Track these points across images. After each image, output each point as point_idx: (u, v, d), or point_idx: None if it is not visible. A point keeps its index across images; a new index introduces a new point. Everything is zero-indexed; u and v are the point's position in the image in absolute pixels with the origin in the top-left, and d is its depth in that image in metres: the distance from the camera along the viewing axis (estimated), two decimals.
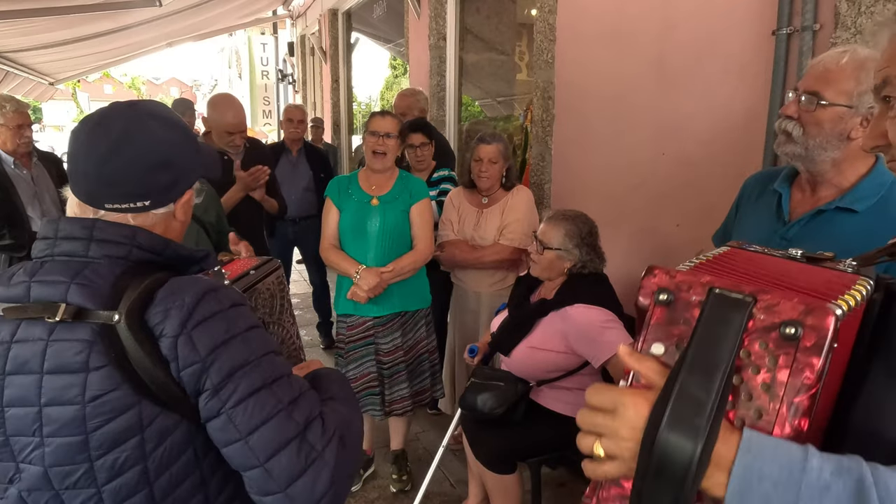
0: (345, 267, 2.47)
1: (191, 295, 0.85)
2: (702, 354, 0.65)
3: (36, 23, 4.50)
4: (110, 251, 0.87)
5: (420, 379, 2.66)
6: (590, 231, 2.09)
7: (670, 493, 0.62)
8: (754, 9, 1.98)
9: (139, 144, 0.91)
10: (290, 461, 0.84)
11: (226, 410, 0.84)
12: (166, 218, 0.97)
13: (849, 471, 0.58)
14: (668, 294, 0.73)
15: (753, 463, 0.61)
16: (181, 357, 0.82)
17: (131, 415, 0.82)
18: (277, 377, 0.89)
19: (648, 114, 2.47)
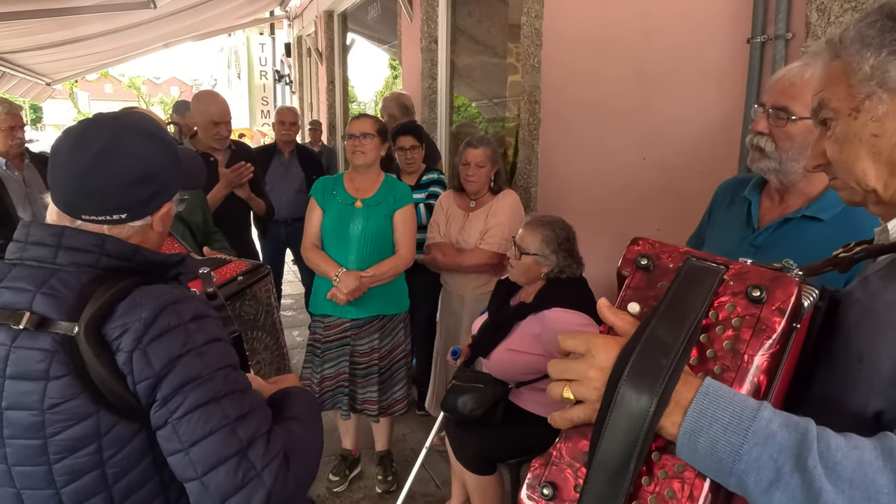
0: (325, 268, 2.49)
1: (149, 310, 0.86)
2: (673, 306, 0.71)
3: (32, 24, 4.53)
4: (78, 259, 0.89)
5: (396, 389, 2.68)
6: (567, 237, 2.11)
7: (630, 429, 0.66)
8: (730, 17, 2.01)
9: (120, 160, 0.93)
10: (226, 477, 0.85)
11: (172, 421, 0.85)
12: (143, 230, 0.99)
13: (797, 425, 0.62)
14: (649, 260, 0.79)
15: (708, 407, 0.65)
16: (136, 371, 0.84)
17: (89, 423, 0.84)
18: (229, 392, 0.89)
19: (630, 119, 2.50)
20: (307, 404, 1.08)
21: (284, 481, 0.89)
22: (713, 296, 0.73)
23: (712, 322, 0.73)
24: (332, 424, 3.26)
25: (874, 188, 0.81)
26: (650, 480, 0.71)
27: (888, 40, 0.75)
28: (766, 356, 0.70)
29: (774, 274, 0.72)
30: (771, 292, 0.70)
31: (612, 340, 0.73)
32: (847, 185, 0.85)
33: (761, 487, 0.61)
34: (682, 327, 0.70)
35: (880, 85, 0.76)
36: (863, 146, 0.79)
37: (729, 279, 0.73)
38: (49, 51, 5.88)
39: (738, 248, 1.60)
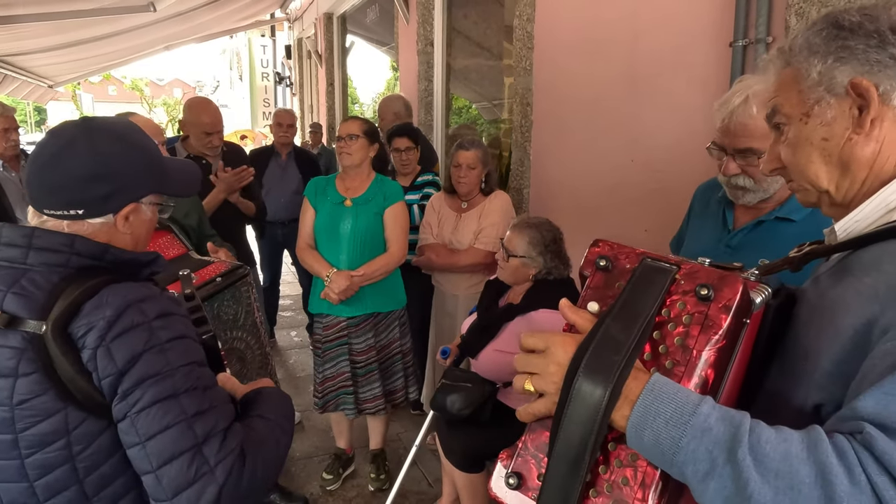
0: (317, 269, 2.53)
1: (113, 308, 0.89)
2: (627, 306, 0.75)
3: (34, 27, 4.58)
4: (48, 259, 0.93)
5: (393, 379, 2.71)
6: (553, 238, 2.14)
7: (585, 421, 0.71)
8: (713, 21, 2.03)
9: (77, 156, 0.96)
10: (179, 471, 0.87)
11: (130, 414, 0.88)
12: (107, 229, 1.01)
13: (732, 419, 0.66)
14: (607, 261, 0.83)
15: (653, 402, 0.69)
16: (100, 368, 0.87)
17: (57, 419, 0.87)
18: (189, 388, 0.91)
19: (619, 121, 2.53)
20: (278, 404, 1.09)
21: (239, 478, 0.91)
22: (665, 294, 0.77)
23: (665, 319, 0.77)
24: (326, 423, 3.30)
25: (827, 189, 0.84)
26: (606, 469, 0.75)
27: (833, 48, 0.78)
28: (713, 351, 0.74)
29: (722, 273, 0.76)
30: (718, 290, 0.74)
31: (570, 338, 0.77)
32: (802, 186, 0.88)
33: (698, 477, 0.65)
34: (633, 326, 0.74)
35: (828, 90, 0.79)
36: (814, 149, 0.82)
37: (680, 279, 0.77)
38: (51, 53, 5.93)
39: (715, 249, 1.63)
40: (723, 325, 0.73)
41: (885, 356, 0.65)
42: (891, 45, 0.75)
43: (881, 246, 0.76)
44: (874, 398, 0.63)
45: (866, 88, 0.75)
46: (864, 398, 0.64)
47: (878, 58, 0.76)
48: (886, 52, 0.75)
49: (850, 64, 0.77)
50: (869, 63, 0.76)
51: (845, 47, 0.77)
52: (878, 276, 0.72)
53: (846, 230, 0.83)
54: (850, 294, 0.75)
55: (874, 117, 0.76)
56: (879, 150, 0.78)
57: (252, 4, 7.58)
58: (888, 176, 0.78)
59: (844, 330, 0.72)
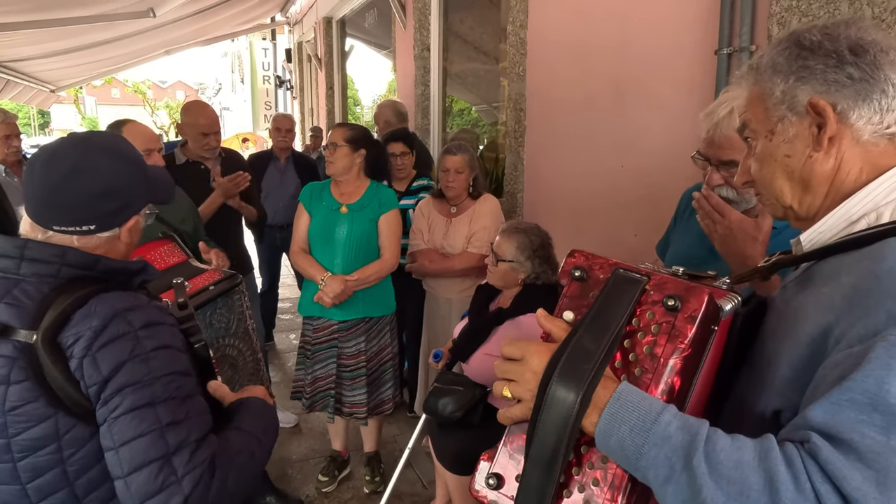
0: (311, 272, 2.56)
1: (100, 318, 0.93)
2: (598, 317, 0.79)
3: (35, 33, 4.63)
4: (40, 269, 0.96)
5: (384, 388, 2.74)
6: (542, 243, 2.16)
7: (558, 426, 0.75)
8: (699, 28, 2.06)
9: (87, 176, 1.01)
10: (146, 480, 0.89)
11: (108, 420, 0.91)
12: (111, 240, 1.06)
13: (690, 428, 0.70)
14: (582, 271, 0.87)
15: (619, 410, 0.73)
16: (86, 376, 0.91)
17: (48, 425, 0.90)
18: (167, 398, 0.94)
19: (609, 127, 2.55)
20: (259, 417, 1.12)
21: (206, 490, 0.93)
22: (636, 304, 0.80)
23: (635, 328, 0.80)
24: (323, 426, 3.33)
25: (790, 205, 0.86)
26: (579, 471, 0.80)
27: (795, 67, 0.81)
28: (679, 359, 0.77)
29: (690, 285, 0.79)
30: (685, 301, 0.77)
31: (545, 347, 0.81)
32: (769, 201, 0.91)
33: (658, 482, 0.69)
34: (604, 336, 0.77)
35: (790, 109, 0.81)
36: (778, 166, 0.85)
37: (650, 289, 0.80)
38: (52, 59, 5.98)
39: (699, 254, 1.66)
40: (688, 334, 0.76)
41: (835, 367, 0.68)
42: (848, 64, 0.77)
43: (840, 258, 0.78)
44: (823, 408, 0.66)
45: (823, 108, 0.77)
46: (815, 408, 0.67)
47: (835, 77, 0.78)
48: (844, 72, 0.77)
49: (810, 83, 0.79)
50: (827, 83, 0.78)
51: (805, 67, 0.79)
52: (835, 287, 0.74)
53: (811, 241, 0.85)
54: (809, 303, 0.78)
55: (832, 135, 0.79)
56: (839, 167, 0.80)
57: (252, 9, 7.62)
58: (849, 190, 0.80)
59: (803, 338, 0.75)
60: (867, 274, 0.70)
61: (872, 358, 0.63)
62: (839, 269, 0.77)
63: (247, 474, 1.02)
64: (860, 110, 0.77)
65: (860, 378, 0.63)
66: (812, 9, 1.67)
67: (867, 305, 0.67)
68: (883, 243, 0.72)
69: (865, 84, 0.77)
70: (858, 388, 0.63)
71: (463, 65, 5.07)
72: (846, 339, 0.68)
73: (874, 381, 0.63)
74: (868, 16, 1.53)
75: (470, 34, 5.04)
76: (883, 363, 0.63)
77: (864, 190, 0.79)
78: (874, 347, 0.64)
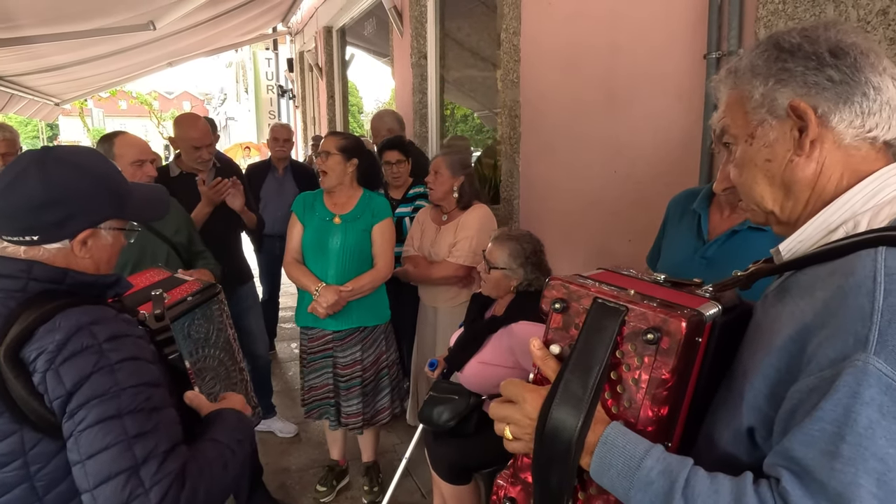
0: (305, 283, 2.56)
1: (63, 331, 0.92)
2: (582, 355, 0.82)
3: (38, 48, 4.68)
4: (6, 285, 0.96)
5: (380, 397, 2.73)
6: (534, 250, 2.16)
7: (557, 464, 0.80)
8: (687, 33, 2.05)
9: (29, 185, 1.00)
10: (113, 492, 0.88)
11: (74, 434, 0.90)
12: (64, 254, 1.04)
13: (671, 473, 0.72)
14: (563, 303, 0.88)
15: (606, 454, 0.77)
16: (50, 390, 0.90)
17: (13, 440, 0.90)
18: (134, 410, 0.93)
19: (600, 132, 2.55)
20: (234, 428, 1.11)
21: (175, 500, 0.91)
22: (618, 335, 0.81)
23: (619, 360, 0.82)
24: (321, 436, 3.32)
25: (772, 210, 0.85)
26: (585, 495, 0.86)
27: (775, 69, 0.79)
28: (663, 390, 0.78)
29: (668, 314, 0.78)
30: (664, 333, 0.78)
31: (537, 393, 0.86)
32: (750, 207, 0.90)
33: None
34: (589, 378, 0.80)
35: (770, 112, 0.80)
36: (758, 170, 0.83)
37: (630, 320, 0.81)
38: (56, 72, 6.04)
39: (691, 260, 1.65)
40: (671, 365, 0.77)
41: (810, 392, 0.66)
42: (829, 67, 0.76)
43: (816, 269, 0.77)
44: (798, 439, 0.66)
45: (804, 111, 0.76)
46: (790, 439, 0.67)
47: (815, 80, 0.76)
48: (824, 75, 0.76)
49: (790, 86, 0.78)
50: (807, 85, 0.77)
51: (785, 69, 0.78)
52: (809, 302, 0.73)
53: (791, 250, 0.83)
54: (785, 315, 0.76)
55: (813, 139, 0.77)
56: (820, 171, 0.79)
57: (253, 20, 7.68)
58: (830, 196, 0.79)
59: (775, 352, 0.73)
60: (836, 290, 0.69)
61: (840, 386, 0.63)
62: (815, 281, 0.75)
63: (219, 486, 1.01)
64: (841, 113, 0.76)
65: (829, 407, 0.63)
66: (798, 12, 1.66)
67: (835, 326, 0.66)
68: (854, 256, 0.71)
69: (846, 86, 0.76)
70: (828, 416, 0.63)
71: (461, 71, 5.08)
72: (816, 360, 0.67)
73: (843, 409, 0.63)
74: (853, 18, 1.52)
75: (467, 41, 5.05)
76: (850, 391, 0.62)
77: (843, 197, 0.78)
78: (842, 374, 0.63)
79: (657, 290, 0.92)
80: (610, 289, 0.87)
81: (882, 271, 0.66)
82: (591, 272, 1.00)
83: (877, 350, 0.62)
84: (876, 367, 0.62)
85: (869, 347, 0.62)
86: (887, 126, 0.78)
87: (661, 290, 0.93)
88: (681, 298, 0.88)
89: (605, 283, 0.91)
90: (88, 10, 3.81)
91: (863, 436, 0.61)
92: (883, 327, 0.63)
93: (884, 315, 0.63)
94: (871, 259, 0.68)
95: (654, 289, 0.92)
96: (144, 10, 4.10)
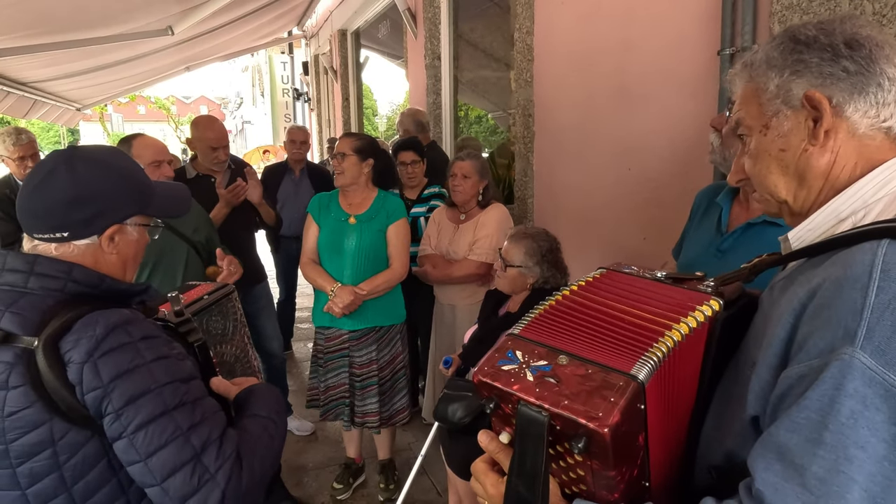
0: (321, 283, 2.59)
1: (102, 327, 0.95)
2: (522, 461, 0.77)
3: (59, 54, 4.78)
4: (47, 284, 0.99)
5: (398, 398, 2.75)
6: (550, 248, 2.16)
7: None
8: (701, 30, 2.05)
9: (58, 183, 1.04)
10: (183, 482, 0.94)
11: (127, 434, 0.94)
12: (93, 251, 1.08)
13: None
14: (493, 401, 0.80)
15: None
16: (85, 382, 0.93)
17: (43, 430, 0.93)
18: (179, 404, 0.97)
19: (614, 130, 2.55)
20: (268, 400, 1.16)
21: (239, 479, 0.98)
22: (550, 436, 0.75)
23: (562, 453, 0.76)
24: (338, 434, 3.35)
25: (785, 199, 0.85)
26: None
27: (790, 61, 0.80)
28: (612, 471, 0.73)
29: (589, 417, 0.71)
30: (591, 439, 0.71)
31: (497, 491, 0.82)
32: (763, 197, 0.90)
33: None
34: (535, 485, 0.76)
35: (785, 103, 0.80)
36: (773, 160, 0.84)
37: (556, 425, 0.74)
38: (76, 78, 6.16)
39: (706, 252, 1.65)
40: (609, 463, 0.73)
41: (800, 380, 0.67)
42: (844, 58, 0.77)
43: (820, 259, 0.77)
44: (784, 426, 0.67)
45: (819, 101, 0.77)
46: (776, 426, 0.68)
47: (831, 71, 0.77)
48: (839, 66, 0.77)
49: (806, 77, 0.78)
50: (822, 76, 0.77)
51: (801, 61, 0.79)
52: (807, 290, 0.73)
53: (800, 238, 0.83)
54: (785, 303, 0.77)
55: (828, 129, 0.78)
56: (834, 161, 0.79)
57: (269, 23, 7.77)
58: (843, 185, 0.79)
59: (776, 341, 0.74)
60: (833, 281, 0.69)
61: (826, 377, 0.64)
62: (816, 270, 0.76)
63: (270, 457, 1.07)
64: (856, 103, 0.77)
65: (815, 397, 0.65)
66: (813, 6, 1.65)
67: (828, 317, 0.67)
68: (857, 248, 0.71)
69: (861, 77, 0.76)
70: (814, 406, 0.65)
71: (475, 72, 5.11)
72: (806, 348, 0.68)
73: (828, 399, 0.64)
74: (868, 12, 1.51)
75: (481, 42, 5.07)
76: (836, 383, 0.64)
77: (854, 186, 0.78)
78: (829, 366, 0.64)
79: (651, 290, 0.89)
80: (538, 371, 0.78)
81: (879, 266, 0.66)
82: (591, 274, 1.00)
83: (863, 345, 0.63)
84: (861, 362, 0.63)
85: (856, 342, 0.64)
86: None
87: (656, 290, 0.91)
88: (673, 299, 0.87)
89: (533, 361, 0.81)
90: (108, 16, 3.88)
91: (845, 425, 0.63)
92: (872, 323, 0.64)
93: (874, 311, 0.64)
94: (871, 252, 0.68)
95: (649, 289, 0.90)
96: (163, 16, 4.17)
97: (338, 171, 2.58)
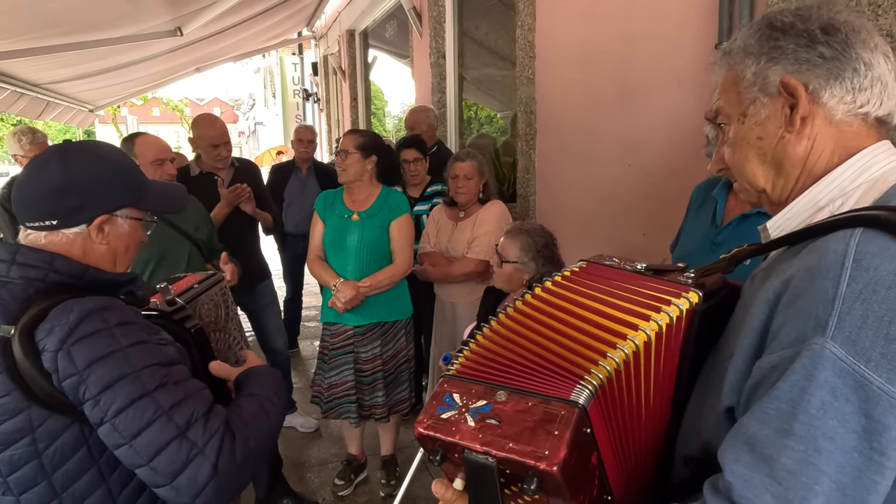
0: (325, 279, 2.61)
1: (76, 314, 0.96)
2: None
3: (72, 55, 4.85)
4: (28, 273, 1.01)
5: (399, 389, 2.76)
6: (546, 244, 2.15)
7: None
8: (699, 23, 2.04)
9: (50, 173, 1.06)
10: (171, 459, 0.94)
11: (108, 419, 0.94)
12: (82, 240, 1.09)
13: None
14: (439, 453, 0.77)
15: None
16: (60, 370, 0.94)
17: (21, 418, 0.94)
18: (159, 385, 0.98)
19: (615, 126, 2.54)
20: (266, 381, 1.17)
21: (231, 452, 0.98)
22: (501, 479, 0.73)
23: (517, 493, 0.73)
24: (340, 431, 3.37)
25: (763, 188, 0.85)
26: None
27: (767, 48, 0.79)
28: (575, 500, 0.71)
29: (535, 456, 0.69)
30: (541, 479, 0.69)
31: None
32: (743, 186, 0.90)
33: None
34: None
35: (762, 90, 0.80)
36: (750, 149, 0.83)
37: (504, 469, 0.70)
38: (88, 80, 6.24)
39: (702, 245, 1.65)
40: (565, 495, 0.70)
41: (772, 370, 0.67)
42: (820, 44, 0.76)
43: (796, 248, 0.76)
44: (756, 417, 0.66)
45: (795, 87, 0.76)
46: (748, 417, 0.67)
47: (807, 57, 0.76)
48: (815, 51, 0.76)
49: (782, 63, 0.78)
50: (798, 62, 0.77)
51: (777, 47, 0.78)
52: (781, 280, 0.72)
53: (778, 227, 0.83)
54: (762, 295, 0.75)
55: (804, 115, 0.77)
56: (811, 148, 0.78)
57: (278, 24, 7.81)
58: (820, 173, 0.78)
59: (752, 331, 0.73)
60: (806, 270, 0.68)
61: (797, 368, 0.64)
62: (792, 259, 0.75)
63: (266, 433, 1.08)
64: (832, 89, 0.76)
65: (786, 388, 0.64)
66: None
67: (800, 306, 0.66)
68: (831, 236, 0.70)
69: (837, 63, 0.76)
70: (784, 396, 0.64)
71: (480, 70, 5.10)
72: (779, 338, 0.68)
73: (798, 390, 0.63)
74: (864, 3, 1.49)
75: (486, 39, 5.06)
76: (806, 373, 0.63)
77: (832, 174, 0.77)
78: (800, 356, 0.64)
79: (628, 283, 0.88)
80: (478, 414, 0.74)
81: (852, 256, 0.65)
82: (571, 267, 0.99)
83: (834, 335, 0.63)
84: (832, 352, 0.62)
85: (827, 332, 0.63)
86: (879, 102, 0.78)
87: (633, 282, 0.89)
88: (650, 292, 0.85)
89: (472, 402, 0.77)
90: (118, 17, 3.93)
91: (815, 416, 0.62)
92: (843, 313, 0.63)
93: (845, 301, 0.63)
94: (844, 242, 0.67)
95: (626, 281, 0.89)
96: (171, 17, 4.22)
97: (341, 168, 2.59)
